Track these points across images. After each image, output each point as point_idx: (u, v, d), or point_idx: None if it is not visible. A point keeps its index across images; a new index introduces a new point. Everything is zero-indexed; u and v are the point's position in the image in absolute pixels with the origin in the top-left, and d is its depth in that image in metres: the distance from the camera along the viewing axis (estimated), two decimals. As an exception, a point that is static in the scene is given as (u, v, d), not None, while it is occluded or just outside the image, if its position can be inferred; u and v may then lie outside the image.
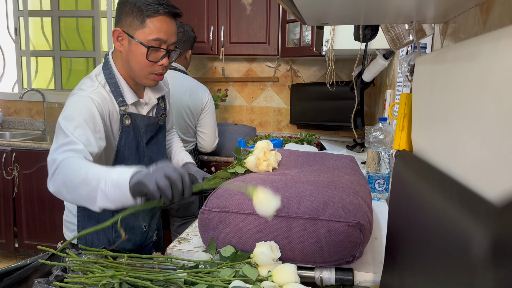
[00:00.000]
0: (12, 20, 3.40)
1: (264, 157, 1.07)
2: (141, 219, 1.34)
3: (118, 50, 1.20)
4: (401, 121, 0.78)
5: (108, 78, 1.20)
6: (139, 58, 1.17)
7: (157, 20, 1.15)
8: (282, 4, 0.73)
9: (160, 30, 1.15)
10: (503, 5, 0.58)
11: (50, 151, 1.06)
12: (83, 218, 1.26)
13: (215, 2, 2.66)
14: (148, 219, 1.37)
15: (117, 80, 1.21)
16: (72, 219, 1.31)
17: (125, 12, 1.16)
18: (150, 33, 1.15)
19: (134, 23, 1.15)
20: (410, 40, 1.07)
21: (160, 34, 1.15)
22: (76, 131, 1.06)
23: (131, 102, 1.22)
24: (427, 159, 0.57)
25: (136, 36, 1.15)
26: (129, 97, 1.22)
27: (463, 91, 0.43)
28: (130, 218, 1.31)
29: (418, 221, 0.48)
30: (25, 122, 3.40)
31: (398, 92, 1.65)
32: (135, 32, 1.15)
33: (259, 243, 0.78)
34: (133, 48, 1.16)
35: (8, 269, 0.82)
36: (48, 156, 1.05)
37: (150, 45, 1.15)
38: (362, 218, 0.78)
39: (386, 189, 1.34)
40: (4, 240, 2.82)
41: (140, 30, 1.15)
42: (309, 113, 2.70)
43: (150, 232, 1.40)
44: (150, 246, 1.42)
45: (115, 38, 1.19)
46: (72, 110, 1.10)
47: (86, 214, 1.26)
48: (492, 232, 0.28)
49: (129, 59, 1.18)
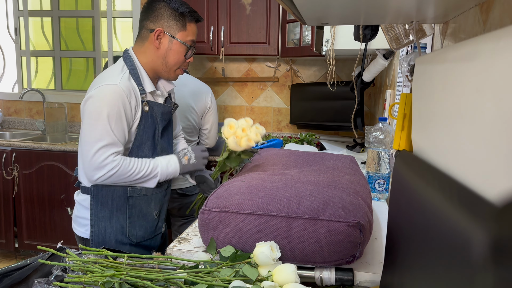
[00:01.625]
0: (12, 20, 3.40)
1: (243, 133, 1.17)
2: (153, 207, 1.44)
3: (154, 47, 1.38)
4: (401, 121, 0.78)
5: (131, 69, 1.36)
6: (178, 55, 1.39)
7: (194, 25, 1.41)
8: (282, 4, 0.73)
9: (194, 33, 1.42)
10: (503, 5, 0.58)
11: (88, 142, 1.27)
12: (96, 207, 1.35)
13: (215, 2, 2.66)
14: (158, 207, 1.47)
15: (139, 71, 1.37)
16: (83, 213, 1.39)
17: (165, 15, 1.37)
18: (188, 35, 1.40)
19: (176, 26, 1.37)
20: (410, 40, 1.07)
21: (194, 36, 1.42)
22: (116, 128, 1.27)
23: (149, 91, 1.38)
24: (427, 159, 0.57)
25: (177, 37, 1.38)
26: (148, 86, 1.38)
27: (463, 91, 0.43)
28: (143, 205, 1.41)
29: (418, 221, 0.48)
30: (25, 122, 3.40)
31: (398, 92, 1.65)
32: (177, 33, 1.38)
33: (259, 243, 0.78)
34: (174, 46, 1.38)
35: (8, 269, 0.82)
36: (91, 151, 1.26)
37: (189, 44, 1.40)
38: (362, 218, 0.78)
39: (386, 189, 1.34)
40: (4, 240, 2.82)
41: (182, 32, 1.38)
42: (309, 113, 2.70)
43: (160, 222, 1.50)
44: (159, 237, 1.51)
45: (155, 36, 1.36)
46: (107, 100, 1.26)
47: (99, 203, 1.35)
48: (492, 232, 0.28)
49: (167, 55, 1.38)
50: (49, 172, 2.70)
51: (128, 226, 1.39)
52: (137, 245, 1.42)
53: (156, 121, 1.40)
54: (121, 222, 1.37)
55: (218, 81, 3.06)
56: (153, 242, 1.49)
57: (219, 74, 3.06)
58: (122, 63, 1.38)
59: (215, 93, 2.88)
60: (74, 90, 3.40)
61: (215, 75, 3.08)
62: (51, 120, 3.11)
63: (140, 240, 1.42)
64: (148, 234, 1.44)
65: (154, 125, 1.40)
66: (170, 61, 1.39)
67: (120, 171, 1.28)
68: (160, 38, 1.37)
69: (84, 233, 1.39)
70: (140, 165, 1.33)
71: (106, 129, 1.25)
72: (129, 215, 1.38)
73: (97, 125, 1.26)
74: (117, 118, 1.27)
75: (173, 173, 1.40)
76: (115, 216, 1.36)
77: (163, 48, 1.38)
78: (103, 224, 1.36)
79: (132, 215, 1.38)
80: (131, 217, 1.38)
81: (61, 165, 2.68)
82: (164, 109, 1.44)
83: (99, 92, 1.27)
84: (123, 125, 1.29)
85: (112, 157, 1.27)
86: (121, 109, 1.27)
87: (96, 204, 1.35)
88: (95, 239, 1.37)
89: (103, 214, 1.35)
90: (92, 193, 1.34)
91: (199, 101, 2.05)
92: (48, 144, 2.73)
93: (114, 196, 1.35)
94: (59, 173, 2.69)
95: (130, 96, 1.30)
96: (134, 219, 1.39)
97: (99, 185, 1.33)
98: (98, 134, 1.25)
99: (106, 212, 1.35)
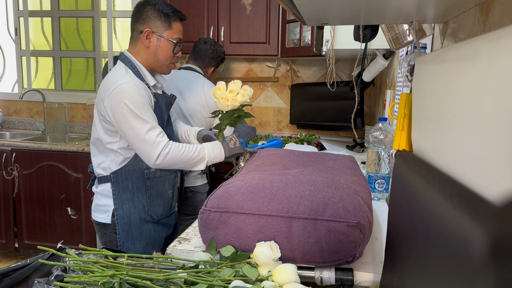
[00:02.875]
0: (12, 20, 3.40)
1: (230, 94, 1.44)
2: (167, 186, 1.62)
3: (145, 46, 1.53)
4: (401, 121, 0.78)
5: (132, 68, 1.51)
6: (167, 51, 1.54)
7: (179, 24, 1.57)
8: (282, 4, 0.73)
9: (180, 31, 1.58)
10: (503, 5, 0.58)
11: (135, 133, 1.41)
12: (118, 191, 1.51)
13: (215, 2, 2.66)
14: (171, 187, 1.65)
15: (139, 69, 1.53)
16: (104, 200, 1.54)
17: (152, 17, 1.51)
18: (174, 33, 1.55)
19: (163, 26, 1.52)
20: (410, 40, 1.07)
21: (180, 33, 1.58)
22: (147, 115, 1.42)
23: (152, 84, 1.54)
24: (427, 159, 0.57)
25: (164, 35, 1.53)
26: (151, 80, 1.54)
27: (463, 91, 0.43)
28: (160, 185, 1.58)
29: (418, 221, 0.48)
30: (25, 122, 3.40)
31: (398, 92, 1.65)
32: (164, 32, 1.53)
33: (259, 243, 0.78)
34: (162, 44, 1.53)
35: (8, 269, 0.82)
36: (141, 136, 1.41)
37: (175, 41, 1.54)
38: (362, 218, 0.78)
39: (386, 189, 1.34)
40: (4, 240, 2.82)
41: (168, 30, 1.53)
42: (309, 113, 2.70)
43: (173, 202, 1.68)
44: (174, 216, 1.71)
45: (145, 36, 1.51)
46: (133, 96, 1.41)
47: (120, 187, 1.51)
48: (492, 232, 0.28)
49: (157, 53, 1.53)
50: (49, 172, 2.70)
51: (149, 205, 1.55)
52: (158, 222, 1.60)
53: (163, 111, 1.55)
54: (142, 202, 1.54)
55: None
56: (170, 220, 1.67)
57: (219, 74, 3.06)
58: (123, 64, 1.52)
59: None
60: (74, 90, 3.40)
61: (215, 75, 3.07)
62: (51, 120, 3.11)
63: (160, 217, 1.60)
64: (166, 212, 1.63)
65: (161, 115, 1.54)
66: (161, 57, 1.55)
67: (173, 149, 1.44)
68: (149, 38, 1.52)
69: (105, 219, 1.53)
70: (188, 147, 1.49)
71: (141, 118, 1.41)
72: (148, 195, 1.55)
73: (132, 120, 1.40)
74: (143, 108, 1.42)
75: (219, 155, 1.55)
76: (136, 197, 1.53)
77: (152, 47, 1.53)
78: (126, 206, 1.52)
79: (151, 195, 1.55)
80: (151, 197, 1.55)
81: (61, 165, 2.68)
82: (167, 99, 1.60)
83: (116, 92, 1.41)
84: (150, 111, 1.45)
85: (160, 136, 1.44)
86: (142, 101, 1.43)
87: (117, 189, 1.51)
88: (121, 221, 1.52)
89: (125, 197, 1.51)
90: (112, 180, 1.51)
91: (211, 98, 2.11)
92: (48, 144, 2.73)
93: (133, 179, 1.52)
94: (59, 173, 2.69)
95: (145, 89, 1.47)
96: (153, 198, 1.56)
97: (118, 171, 1.50)
98: (138, 124, 1.41)
99: (128, 195, 1.52)
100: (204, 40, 2.29)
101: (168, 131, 1.58)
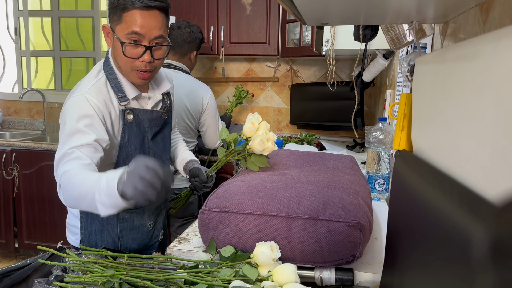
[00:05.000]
0: (12, 20, 3.40)
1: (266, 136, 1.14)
2: (146, 218, 1.31)
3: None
4: (401, 121, 0.78)
5: (108, 74, 1.17)
6: (120, 54, 1.11)
7: (132, 14, 1.07)
8: (282, 4, 0.73)
9: (135, 24, 1.08)
10: (503, 5, 0.58)
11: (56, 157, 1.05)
12: (86, 220, 1.24)
13: (215, 2, 2.66)
14: (153, 218, 1.34)
15: (117, 76, 1.18)
16: (75, 222, 1.28)
17: (109, 8, 1.12)
18: (126, 27, 1.08)
19: (114, 18, 1.11)
20: (410, 40, 1.07)
21: (135, 28, 1.08)
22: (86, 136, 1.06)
23: (132, 97, 1.19)
24: (427, 159, 0.57)
25: (116, 31, 1.11)
26: (130, 92, 1.19)
27: (463, 91, 0.43)
28: (136, 217, 1.28)
29: (418, 221, 0.48)
30: (25, 122, 3.40)
31: (398, 92, 1.65)
32: (115, 28, 1.11)
33: (259, 243, 0.78)
34: (115, 43, 1.13)
35: (8, 269, 0.82)
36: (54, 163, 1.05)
37: (128, 40, 1.09)
38: (362, 218, 0.78)
39: (386, 189, 1.34)
40: (4, 240, 2.82)
41: (118, 25, 1.10)
42: (309, 113, 2.70)
43: (156, 231, 1.37)
44: (156, 246, 1.39)
45: (106, 34, 1.16)
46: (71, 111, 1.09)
47: (89, 216, 1.23)
48: (492, 232, 0.28)
49: (115, 55, 1.15)
50: (49, 172, 2.70)
51: (120, 240, 1.26)
52: None
53: (144, 130, 1.23)
54: (112, 236, 1.25)
55: (218, 81, 3.06)
56: (149, 252, 1.35)
57: (219, 74, 3.06)
58: (100, 66, 1.20)
59: (215, 93, 2.88)
60: (74, 90, 3.40)
61: (215, 75, 3.08)
62: (51, 120, 3.11)
63: (135, 252, 1.28)
64: (143, 245, 1.32)
65: (142, 134, 1.22)
66: (119, 61, 1.15)
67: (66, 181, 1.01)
68: (110, 36, 1.15)
69: (75, 242, 1.29)
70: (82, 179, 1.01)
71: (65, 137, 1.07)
72: (120, 229, 1.25)
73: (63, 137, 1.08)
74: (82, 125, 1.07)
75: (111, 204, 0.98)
76: (106, 229, 1.24)
77: (111, 47, 1.17)
78: (93, 237, 1.25)
79: (123, 228, 1.26)
80: (123, 230, 1.25)
81: (61, 165, 2.68)
82: (152, 115, 1.24)
83: (65, 106, 1.13)
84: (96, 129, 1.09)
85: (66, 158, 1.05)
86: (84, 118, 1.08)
87: (86, 217, 1.24)
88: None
89: (93, 228, 1.24)
90: None
91: (194, 101, 2.00)
92: (48, 144, 2.72)
93: None
94: (59, 173, 2.69)
95: (103, 107, 1.12)
96: (126, 232, 1.26)
97: None
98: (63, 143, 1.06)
99: (97, 225, 1.23)
100: (178, 25, 2.06)
101: (156, 150, 1.28)
